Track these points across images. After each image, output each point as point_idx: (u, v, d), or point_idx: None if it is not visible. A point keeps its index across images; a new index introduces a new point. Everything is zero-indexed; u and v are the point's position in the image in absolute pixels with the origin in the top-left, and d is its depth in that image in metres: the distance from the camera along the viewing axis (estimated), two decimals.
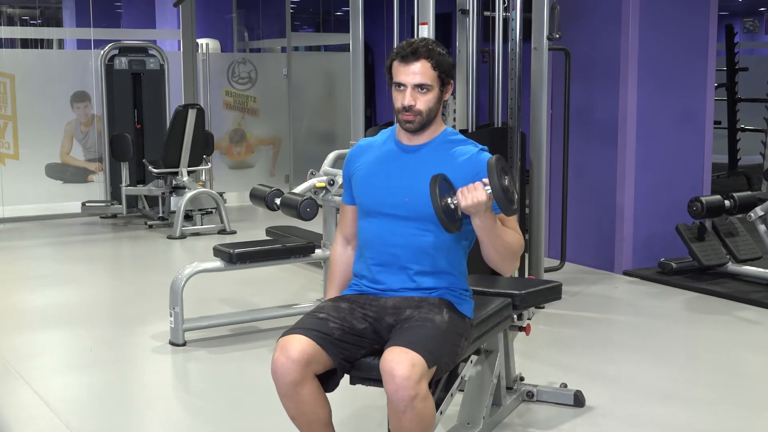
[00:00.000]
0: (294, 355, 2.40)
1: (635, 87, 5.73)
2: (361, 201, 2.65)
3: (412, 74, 2.51)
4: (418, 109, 2.53)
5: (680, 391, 3.72)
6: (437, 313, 2.51)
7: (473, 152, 2.57)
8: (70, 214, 8.24)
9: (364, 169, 2.66)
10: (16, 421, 3.42)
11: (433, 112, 2.56)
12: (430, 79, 2.52)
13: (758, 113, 9.74)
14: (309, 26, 15.78)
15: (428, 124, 2.57)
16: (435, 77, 2.53)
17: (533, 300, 3.32)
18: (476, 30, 5.04)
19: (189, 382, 4.11)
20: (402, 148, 2.62)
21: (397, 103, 2.55)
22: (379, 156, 2.65)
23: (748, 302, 5.10)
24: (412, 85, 2.52)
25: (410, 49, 2.52)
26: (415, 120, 2.54)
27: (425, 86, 2.52)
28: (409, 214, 2.56)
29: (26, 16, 15.18)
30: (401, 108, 2.53)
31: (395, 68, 2.54)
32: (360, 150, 2.72)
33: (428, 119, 2.56)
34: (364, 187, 2.64)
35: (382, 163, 2.63)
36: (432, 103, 2.54)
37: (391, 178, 2.59)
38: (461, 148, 2.59)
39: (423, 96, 2.52)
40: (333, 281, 2.82)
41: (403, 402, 2.29)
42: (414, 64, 2.51)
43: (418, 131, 2.58)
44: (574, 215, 5.91)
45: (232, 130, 9.47)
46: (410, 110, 2.52)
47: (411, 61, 2.51)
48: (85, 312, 5.08)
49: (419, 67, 2.51)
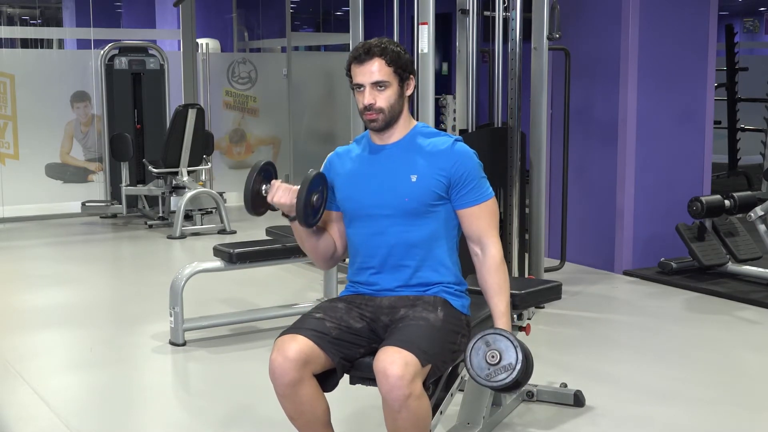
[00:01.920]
0: (291, 355, 2.40)
1: (635, 87, 5.73)
2: (346, 207, 2.66)
3: (369, 73, 2.54)
4: (378, 107, 2.54)
5: (680, 391, 3.72)
6: (431, 312, 2.52)
7: (448, 143, 2.59)
8: (70, 214, 8.25)
9: (343, 176, 2.67)
10: (16, 421, 3.42)
11: (396, 108, 2.57)
12: (386, 76, 2.54)
13: (758, 113, 9.75)
14: (309, 26, 15.79)
15: (393, 121, 2.59)
16: (391, 73, 2.54)
17: (533, 300, 3.32)
18: (476, 30, 5.04)
19: (189, 382, 4.11)
20: (376, 149, 2.64)
21: (359, 104, 2.57)
22: (356, 161, 2.67)
23: (748, 302, 5.10)
24: (369, 84, 2.54)
25: (363, 49, 2.55)
26: (378, 118, 2.56)
27: (382, 83, 2.54)
28: (392, 211, 2.57)
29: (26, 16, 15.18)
30: (363, 108, 2.56)
31: (353, 71, 2.58)
32: (337, 157, 2.72)
33: (391, 116, 2.57)
34: (346, 192, 2.65)
35: (360, 167, 2.65)
36: (392, 99, 2.56)
37: (370, 179, 2.61)
38: (435, 140, 2.61)
39: (382, 93, 2.54)
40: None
41: (398, 401, 2.29)
42: (368, 63, 2.54)
43: (384, 129, 2.59)
44: (574, 215, 5.91)
45: (232, 130, 9.47)
46: (371, 109, 2.55)
47: (365, 60, 2.54)
48: (85, 312, 5.08)
49: (375, 65, 2.53)
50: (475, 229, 2.57)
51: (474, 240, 2.58)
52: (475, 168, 2.58)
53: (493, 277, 2.55)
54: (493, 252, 2.55)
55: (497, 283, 2.55)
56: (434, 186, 2.54)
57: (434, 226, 2.57)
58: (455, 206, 2.58)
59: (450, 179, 2.55)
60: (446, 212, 2.59)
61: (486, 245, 2.56)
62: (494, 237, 2.58)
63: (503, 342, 2.41)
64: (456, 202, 2.58)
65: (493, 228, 2.59)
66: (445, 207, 2.58)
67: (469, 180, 2.55)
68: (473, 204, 2.56)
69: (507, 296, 2.56)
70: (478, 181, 2.57)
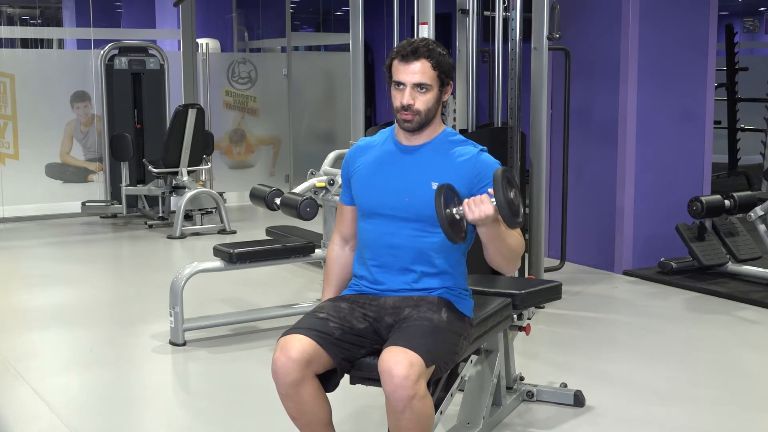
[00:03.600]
0: (294, 354, 2.40)
1: (635, 87, 5.73)
2: (361, 202, 2.65)
3: (412, 73, 2.51)
4: (416, 108, 2.53)
5: (680, 391, 3.72)
6: (435, 313, 2.51)
7: (473, 153, 2.58)
8: (70, 214, 8.25)
9: (363, 170, 2.65)
10: (16, 421, 3.42)
11: (432, 112, 2.56)
12: (429, 79, 2.52)
13: (758, 113, 9.75)
14: (309, 26, 15.78)
15: (427, 125, 2.57)
16: (434, 77, 2.53)
17: (533, 300, 3.32)
18: (476, 30, 5.04)
19: (189, 382, 4.11)
20: (401, 148, 2.62)
21: (396, 102, 2.55)
22: (379, 157, 2.65)
23: (748, 302, 5.10)
24: (411, 84, 2.52)
25: (410, 48, 2.52)
26: (413, 120, 2.54)
27: (425, 86, 2.52)
28: (408, 215, 2.56)
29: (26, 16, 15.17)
30: (400, 107, 2.54)
31: (395, 67, 2.55)
32: (359, 150, 2.71)
33: (427, 119, 2.56)
34: (363, 187, 2.64)
35: (382, 163, 2.63)
36: (431, 103, 2.54)
37: (391, 179, 2.59)
38: (461, 148, 2.59)
39: (422, 95, 2.53)
40: (330, 281, 2.80)
41: (402, 402, 2.29)
42: (414, 64, 2.51)
43: (416, 131, 2.58)
44: (574, 215, 5.91)
45: (232, 130, 9.47)
46: (409, 109, 2.52)
47: (411, 60, 2.51)
48: (85, 312, 5.08)
49: (419, 66, 2.51)
50: None
51: None
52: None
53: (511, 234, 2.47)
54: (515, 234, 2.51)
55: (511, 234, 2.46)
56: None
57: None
58: None
59: (471, 190, 2.51)
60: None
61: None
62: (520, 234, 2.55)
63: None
64: None
65: (518, 230, 2.56)
66: None
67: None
68: None
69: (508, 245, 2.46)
70: None
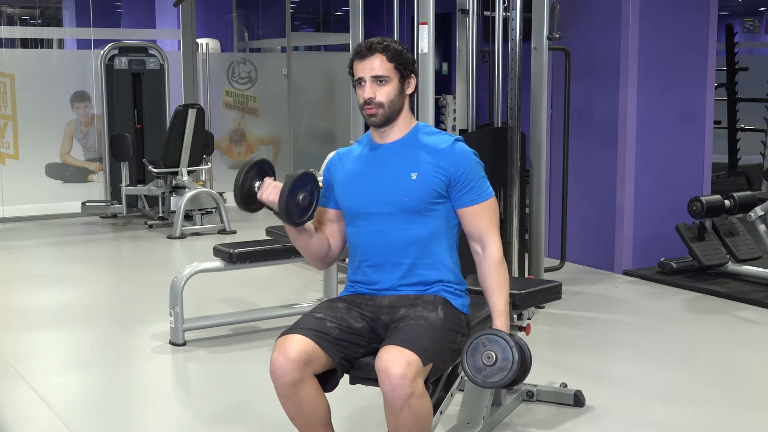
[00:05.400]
0: (292, 355, 2.40)
1: (635, 87, 5.73)
2: (346, 205, 2.67)
3: (369, 68, 2.57)
4: (378, 101, 2.56)
5: (680, 391, 3.72)
6: (432, 311, 2.52)
7: (448, 143, 2.60)
8: (70, 214, 8.25)
9: (344, 175, 2.68)
10: (16, 421, 3.42)
11: (395, 104, 2.59)
12: (386, 71, 2.57)
13: (758, 113, 9.75)
14: (309, 26, 15.79)
15: (393, 118, 2.60)
16: (392, 69, 2.57)
17: (533, 300, 3.32)
18: (476, 30, 5.04)
19: (189, 382, 4.11)
20: (376, 147, 2.66)
21: (360, 99, 2.60)
22: (357, 160, 2.68)
23: (748, 302, 5.10)
24: (370, 78, 2.57)
25: (365, 46, 2.59)
26: (377, 113, 2.57)
27: (383, 78, 2.56)
28: (392, 209, 2.58)
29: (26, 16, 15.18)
30: (363, 102, 2.58)
31: (355, 67, 2.61)
32: (339, 158, 2.74)
33: (391, 112, 2.59)
34: (346, 191, 2.66)
35: (361, 165, 2.66)
36: (392, 94, 2.58)
37: (371, 177, 2.62)
38: (435, 138, 2.63)
39: (382, 87, 2.57)
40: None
41: (400, 401, 2.30)
42: (370, 59, 2.57)
43: (383, 125, 2.61)
44: (574, 215, 5.91)
45: (232, 130, 9.47)
46: (371, 103, 2.57)
47: (367, 56, 2.58)
48: (85, 312, 5.08)
49: (376, 61, 2.57)
50: (476, 228, 2.58)
51: (474, 238, 2.60)
52: (474, 167, 2.59)
53: (492, 275, 2.56)
54: (492, 250, 2.57)
55: (496, 282, 2.56)
56: (434, 184, 2.56)
57: (434, 225, 2.59)
58: (455, 205, 2.59)
59: (450, 178, 2.56)
60: (446, 211, 2.60)
61: (486, 243, 2.57)
62: (494, 235, 2.59)
63: (499, 343, 2.44)
64: (456, 201, 2.59)
65: (493, 227, 2.60)
66: (445, 206, 2.59)
67: (468, 179, 2.57)
68: (473, 203, 2.58)
69: (506, 295, 2.57)
70: (478, 181, 2.58)
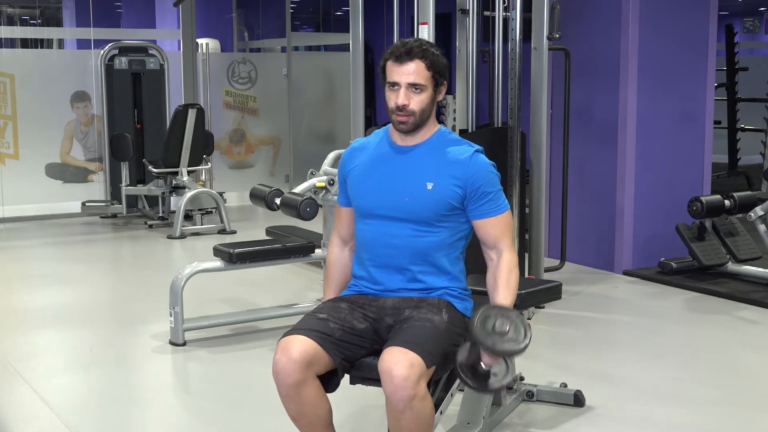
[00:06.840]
0: (295, 355, 2.40)
1: (635, 87, 5.73)
2: (358, 203, 2.65)
3: (406, 74, 2.51)
4: (411, 109, 2.52)
5: (680, 391, 3.72)
6: (436, 314, 2.51)
7: (468, 153, 2.57)
8: (70, 214, 8.24)
9: (359, 171, 2.65)
10: (16, 421, 3.42)
11: (426, 112, 2.56)
12: (424, 79, 2.51)
13: (758, 113, 9.75)
14: (309, 26, 15.78)
15: (422, 125, 2.57)
16: (429, 77, 2.52)
17: (533, 300, 3.32)
18: (476, 30, 5.04)
19: (189, 382, 4.11)
20: (396, 149, 2.62)
21: (391, 103, 2.54)
22: (374, 157, 2.65)
23: (748, 302, 5.10)
24: (405, 85, 2.51)
25: (404, 49, 2.51)
26: (408, 120, 2.54)
27: (419, 86, 2.51)
28: (406, 215, 2.56)
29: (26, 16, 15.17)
30: (395, 108, 2.53)
31: (389, 68, 2.54)
32: (354, 151, 2.71)
33: (422, 120, 2.55)
34: (360, 189, 2.64)
35: (377, 164, 2.63)
36: (425, 103, 2.54)
37: (387, 179, 2.59)
38: (456, 148, 2.59)
39: (417, 96, 2.52)
40: (330, 283, 2.80)
41: (402, 402, 2.29)
42: (408, 64, 2.51)
43: (411, 132, 2.57)
44: (574, 215, 5.91)
45: (232, 130, 9.47)
46: (404, 110, 2.52)
47: (405, 60, 2.51)
48: (86, 312, 5.08)
49: (413, 66, 2.50)
50: (491, 238, 2.58)
51: (489, 246, 2.58)
52: (492, 180, 2.56)
53: (505, 275, 2.54)
54: (508, 257, 2.56)
55: (507, 280, 2.53)
56: (449, 196, 2.53)
57: (443, 236, 2.57)
58: (471, 216, 2.58)
59: (466, 190, 2.53)
60: (457, 222, 2.58)
61: (501, 250, 2.56)
62: (510, 244, 2.58)
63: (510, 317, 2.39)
64: (471, 212, 2.57)
65: (508, 237, 2.58)
66: (456, 217, 2.57)
67: (486, 192, 2.54)
68: (488, 215, 2.56)
69: (514, 295, 2.55)
70: (495, 194, 2.56)
